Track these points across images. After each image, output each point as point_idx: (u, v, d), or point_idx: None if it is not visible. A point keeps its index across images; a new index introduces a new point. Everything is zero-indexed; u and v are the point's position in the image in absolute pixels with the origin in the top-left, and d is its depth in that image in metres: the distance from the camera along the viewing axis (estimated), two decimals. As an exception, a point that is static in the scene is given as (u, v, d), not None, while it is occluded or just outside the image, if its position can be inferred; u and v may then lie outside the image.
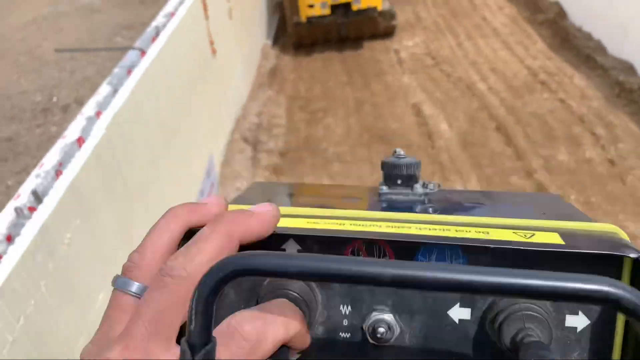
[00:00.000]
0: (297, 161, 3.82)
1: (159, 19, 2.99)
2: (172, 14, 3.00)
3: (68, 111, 5.18)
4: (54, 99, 5.43)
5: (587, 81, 4.47)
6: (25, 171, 4.36)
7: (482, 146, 3.81)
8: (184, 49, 2.87)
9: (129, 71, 2.44)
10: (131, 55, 2.63)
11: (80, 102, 5.31)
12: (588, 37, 5.11)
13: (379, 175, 2.06)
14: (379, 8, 5.28)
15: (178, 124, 2.67)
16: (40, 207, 1.62)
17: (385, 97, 4.55)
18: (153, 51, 2.53)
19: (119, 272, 0.32)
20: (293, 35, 5.56)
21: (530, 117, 4.06)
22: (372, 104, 4.47)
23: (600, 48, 4.88)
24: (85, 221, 1.72)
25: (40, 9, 8.09)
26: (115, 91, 2.30)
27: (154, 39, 2.74)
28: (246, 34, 4.60)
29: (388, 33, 5.69)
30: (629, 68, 4.45)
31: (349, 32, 5.56)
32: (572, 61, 4.84)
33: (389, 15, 5.45)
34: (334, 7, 5.19)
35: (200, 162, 3.06)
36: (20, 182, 4.30)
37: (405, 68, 5.02)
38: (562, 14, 5.68)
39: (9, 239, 1.57)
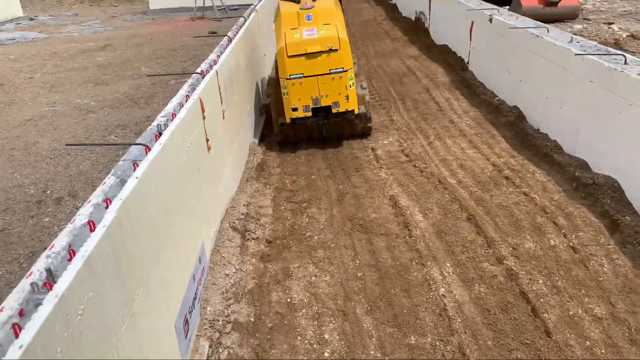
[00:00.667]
0: (283, 248, 4.04)
1: (159, 119, 3.35)
2: (172, 115, 3.36)
3: (61, 203, 5.39)
4: (48, 192, 5.65)
5: (548, 176, 4.91)
6: (17, 260, 4.47)
7: (455, 235, 4.10)
8: (184, 145, 3.19)
9: (135, 164, 2.72)
10: (134, 149, 2.93)
11: (74, 195, 5.54)
12: (545, 137, 5.66)
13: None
14: (356, 111, 5.74)
15: (177, 212, 2.91)
16: (58, 282, 1.80)
17: (364, 189, 4.89)
18: (157, 147, 2.83)
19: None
20: (279, 135, 6.02)
21: (498, 209, 4.41)
22: (353, 195, 4.80)
23: (557, 147, 5.40)
24: (96, 294, 1.90)
25: (38, 108, 8.55)
26: (122, 181, 2.55)
27: (156, 137, 3.07)
28: (236, 133, 5.00)
29: (365, 133, 6.16)
30: (583, 164, 4.93)
31: (330, 132, 6.03)
32: (532, 159, 5.32)
33: (365, 118, 5.94)
34: (315, 110, 5.65)
35: (193, 248, 3.26)
36: (10, 272, 4.39)
37: (381, 164, 5.43)
38: (521, 116, 6.30)
39: (21, 313, 1.73)
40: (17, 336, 1.53)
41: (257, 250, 3.99)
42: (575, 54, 4.94)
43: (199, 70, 4.31)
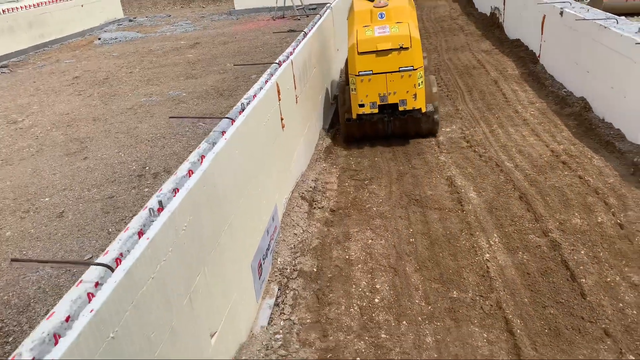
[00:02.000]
0: (345, 216, 4.55)
1: (243, 100, 3.96)
2: (254, 96, 3.97)
3: (157, 177, 6.23)
4: (147, 168, 6.53)
5: (606, 162, 5.05)
6: (123, 221, 5.31)
7: (506, 210, 4.41)
8: (263, 120, 3.78)
9: (223, 132, 3.33)
10: (223, 122, 3.56)
11: (169, 171, 6.37)
12: (609, 126, 5.74)
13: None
14: (423, 110, 5.71)
15: (255, 175, 3.50)
16: (167, 206, 2.41)
17: (423, 171, 5.28)
18: (240, 119, 3.43)
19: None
20: (344, 130, 6.12)
21: (550, 190, 4.65)
22: (412, 175, 5.21)
23: (620, 135, 5.49)
24: (195, 218, 2.49)
25: (137, 99, 9.64)
26: (214, 144, 3.17)
27: (240, 112, 3.68)
28: (307, 117, 5.57)
29: (431, 133, 6.11)
30: (644, 151, 5.01)
31: (395, 129, 6.02)
32: (593, 146, 5.45)
33: (432, 117, 5.89)
34: (382, 107, 5.68)
35: (268, 208, 3.85)
36: (118, 230, 5.24)
37: (442, 149, 5.78)
38: (587, 107, 6.37)
39: (140, 233, 2.35)
40: (140, 236, 2.14)
41: (322, 216, 4.53)
42: (637, 43, 5.03)
43: (277, 60, 4.91)
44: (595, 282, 3.46)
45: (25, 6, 15.97)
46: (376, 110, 5.68)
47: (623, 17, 6.35)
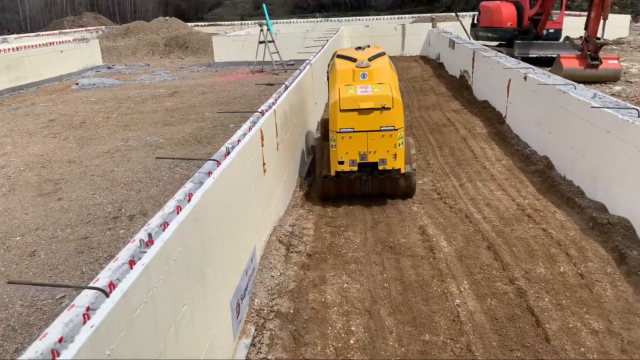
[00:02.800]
0: (321, 261, 4.66)
1: (227, 144, 4.13)
2: (238, 141, 4.15)
3: (133, 220, 6.25)
4: (122, 210, 6.54)
5: (567, 216, 5.36)
6: (97, 261, 5.28)
7: (475, 259, 4.61)
8: (247, 163, 3.95)
9: (209, 173, 3.47)
10: (208, 163, 3.70)
11: (144, 214, 6.41)
12: (570, 183, 6.12)
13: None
14: (402, 170, 5.68)
15: (237, 214, 3.63)
16: (159, 237, 2.51)
17: (397, 220, 5.48)
18: (225, 164, 3.59)
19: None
20: (321, 188, 5.98)
21: (516, 240, 4.89)
22: (386, 223, 5.40)
23: (580, 192, 5.85)
24: (185, 249, 2.59)
25: (114, 143, 9.71)
26: (200, 184, 3.30)
27: (225, 155, 3.84)
28: (287, 164, 5.76)
29: (408, 194, 6.09)
30: (601, 207, 5.35)
31: (372, 189, 5.95)
32: (556, 201, 5.78)
33: (410, 179, 5.89)
34: (361, 166, 5.63)
35: (247, 250, 3.94)
36: (92, 270, 5.18)
37: (415, 200, 6.02)
38: (550, 165, 6.78)
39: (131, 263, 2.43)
40: (132, 265, 2.23)
41: (299, 260, 4.63)
42: (592, 107, 5.48)
43: (259, 109, 5.14)
44: (559, 327, 3.64)
45: (4, 49, 16.08)
46: (355, 168, 5.62)
47: (581, 85, 6.90)
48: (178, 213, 2.86)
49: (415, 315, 3.85)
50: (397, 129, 5.51)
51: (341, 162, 5.61)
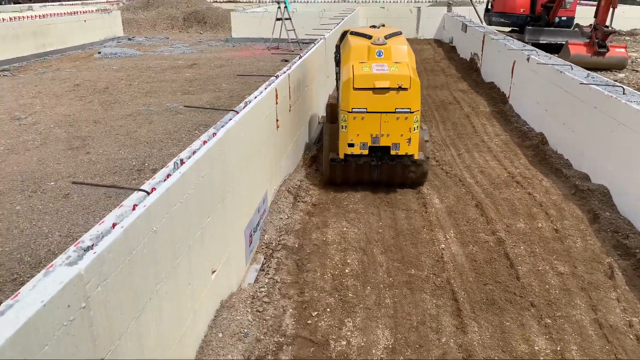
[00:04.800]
0: (324, 210, 5.20)
1: (246, 98, 4.66)
2: (255, 97, 4.68)
3: (157, 172, 6.83)
4: (146, 164, 7.13)
5: (553, 184, 5.84)
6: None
7: (462, 214, 5.12)
8: (262, 116, 4.48)
9: (230, 119, 4.01)
10: (229, 114, 4.24)
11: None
12: (560, 157, 6.58)
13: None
14: (416, 156, 5.38)
15: (254, 156, 4.17)
16: (188, 161, 3.05)
17: (396, 180, 6.00)
18: (244, 112, 4.12)
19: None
20: (327, 172, 5.60)
21: (502, 201, 5.39)
22: (386, 183, 5.92)
23: (568, 164, 6.31)
24: (210, 170, 3.13)
25: (136, 107, 10.28)
26: (222, 127, 3.84)
27: (244, 107, 4.37)
28: (297, 126, 6.29)
29: (419, 183, 5.72)
30: (584, 176, 5.82)
31: (381, 176, 5.58)
32: (544, 172, 6.26)
33: (423, 167, 5.58)
34: (371, 150, 5.31)
35: (260, 190, 4.49)
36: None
37: (414, 165, 6.52)
38: (544, 141, 7.22)
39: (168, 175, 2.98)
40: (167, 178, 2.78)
41: (305, 208, 5.18)
42: (580, 83, 5.92)
43: (275, 74, 5.65)
44: (529, 269, 4.16)
45: (31, 16, 16.67)
46: (366, 152, 5.29)
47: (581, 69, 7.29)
48: (205, 144, 3.41)
49: (404, 254, 4.39)
50: (413, 112, 5.18)
51: (351, 145, 5.26)
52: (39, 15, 16.95)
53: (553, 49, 13.84)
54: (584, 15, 16.93)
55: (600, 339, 3.38)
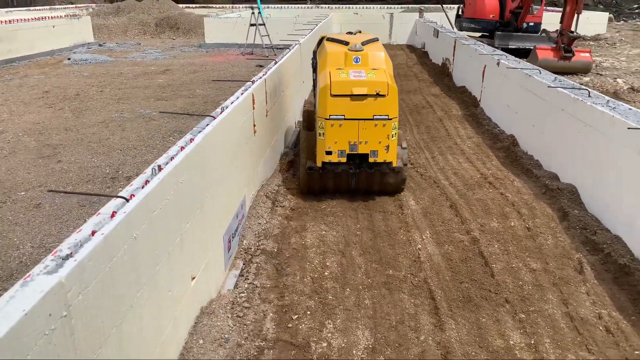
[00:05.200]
0: (303, 214, 5.24)
1: (222, 105, 4.67)
2: (232, 102, 4.68)
3: (130, 180, 6.75)
4: (120, 172, 7.04)
5: (524, 184, 6.00)
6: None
7: (438, 215, 5.23)
8: (239, 121, 4.49)
9: (207, 125, 4.01)
10: (206, 120, 4.24)
11: (141, 174, 6.90)
12: (530, 158, 6.76)
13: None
14: (394, 164, 5.35)
15: (231, 162, 4.18)
16: (167, 166, 3.05)
17: (372, 183, 6.07)
18: (221, 117, 4.12)
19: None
20: (304, 181, 5.54)
21: (476, 201, 5.52)
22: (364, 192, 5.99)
23: (538, 164, 6.50)
24: (190, 176, 3.13)
25: (108, 114, 10.14)
26: (199, 132, 3.84)
27: (221, 112, 4.38)
28: (274, 131, 6.31)
29: (397, 190, 5.72)
30: (554, 176, 6.01)
31: (360, 184, 5.57)
32: (516, 172, 6.43)
33: (401, 174, 5.57)
34: (349, 158, 5.27)
35: (238, 196, 4.50)
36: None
37: (390, 168, 6.61)
38: (515, 142, 7.42)
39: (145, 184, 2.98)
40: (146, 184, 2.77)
41: (283, 213, 5.21)
42: (548, 87, 6.11)
43: (251, 80, 5.66)
44: (503, 267, 4.27)
45: (-2, 22, 16.29)
46: (344, 160, 5.24)
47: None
48: (182, 150, 3.41)
49: (382, 256, 4.45)
50: (391, 119, 5.15)
51: (329, 152, 5.21)
52: (6, 21, 16.57)
53: (522, 53, 14.20)
54: (550, 21, 17.43)
55: (572, 331, 3.50)
